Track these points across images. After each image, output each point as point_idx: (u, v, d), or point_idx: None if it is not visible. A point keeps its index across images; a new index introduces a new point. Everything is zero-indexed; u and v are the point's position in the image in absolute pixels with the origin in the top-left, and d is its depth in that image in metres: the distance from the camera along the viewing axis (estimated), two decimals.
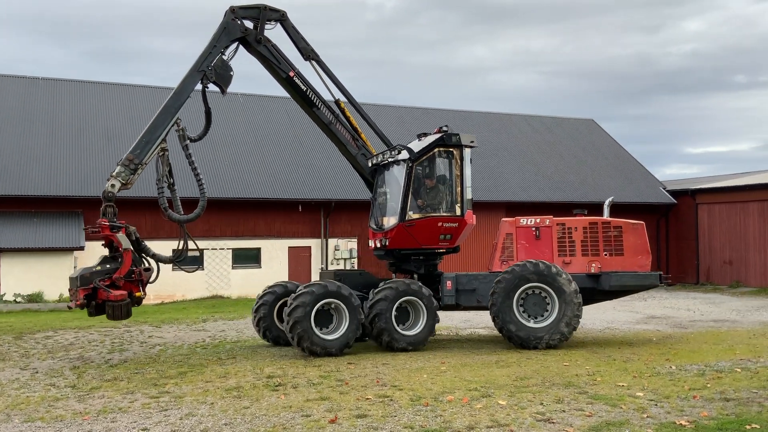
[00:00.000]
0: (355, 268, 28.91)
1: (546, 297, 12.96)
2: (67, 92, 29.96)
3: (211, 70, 12.74)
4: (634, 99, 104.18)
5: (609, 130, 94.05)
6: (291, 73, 13.58)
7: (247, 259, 28.07)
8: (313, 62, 13.90)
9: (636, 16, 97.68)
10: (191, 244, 12.81)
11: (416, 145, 14.02)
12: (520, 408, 7.97)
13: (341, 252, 28.92)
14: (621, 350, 12.73)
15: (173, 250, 13.50)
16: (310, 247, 28.78)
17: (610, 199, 16.00)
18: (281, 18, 13.44)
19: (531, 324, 12.84)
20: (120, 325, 17.69)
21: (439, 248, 13.98)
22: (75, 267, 22.68)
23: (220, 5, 14.11)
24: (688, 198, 33.73)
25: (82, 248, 23.56)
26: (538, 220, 14.27)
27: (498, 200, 31.41)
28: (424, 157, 13.73)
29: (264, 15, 13.21)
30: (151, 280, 12.17)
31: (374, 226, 14.57)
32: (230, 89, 13.44)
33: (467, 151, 13.89)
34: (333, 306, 12.30)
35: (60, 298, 23.21)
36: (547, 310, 12.94)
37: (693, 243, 33.45)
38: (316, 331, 12.01)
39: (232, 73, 13.02)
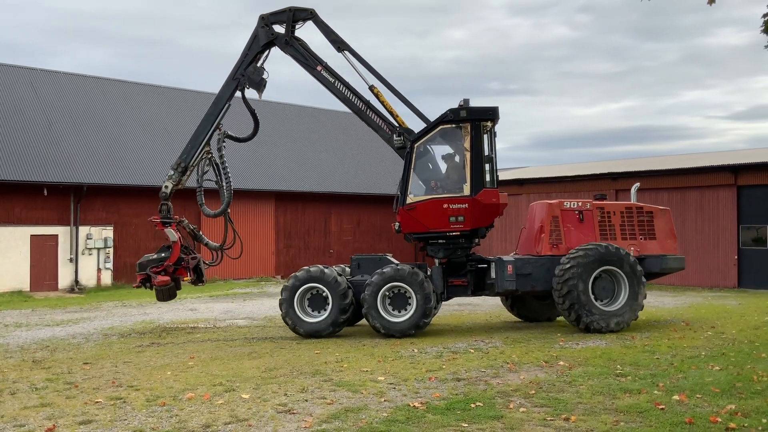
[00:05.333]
0: (110, 257, 26.91)
1: (615, 280, 12.93)
2: None
3: (245, 77, 13.90)
4: (411, 98, 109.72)
5: None
6: (318, 68, 13.99)
7: None
8: (346, 52, 13.97)
9: (409, 21, 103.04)
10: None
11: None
12: (263, 401, 7.80)
13: (94, 241, 26.68)
14: (373, 335, 13.13)
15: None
16: (57, 235, 26.13)
17: (637, 185, 16.04)
18: (310, 16, 13.97)
19: (602, 307, 12.74)
20: None
21: (452, 231, 13.11)
22: None
23: None
24: None
25: None
26: (580, 204, 14.09)
27: (266, 189, 31.18)
28: (426, 137, 13.34)
29: (290, 17, 13.90)
30: (214, 263, 14.81)
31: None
32: None
33: (484, 126, 13.20)
34: (320, 291, 12.77)
35: None
36: (614, 293, 12.93)
37: None
38: (299, 312, 12.74)
39: (265, 76, 14.03)
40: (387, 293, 12.72)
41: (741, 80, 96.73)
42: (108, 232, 27.19)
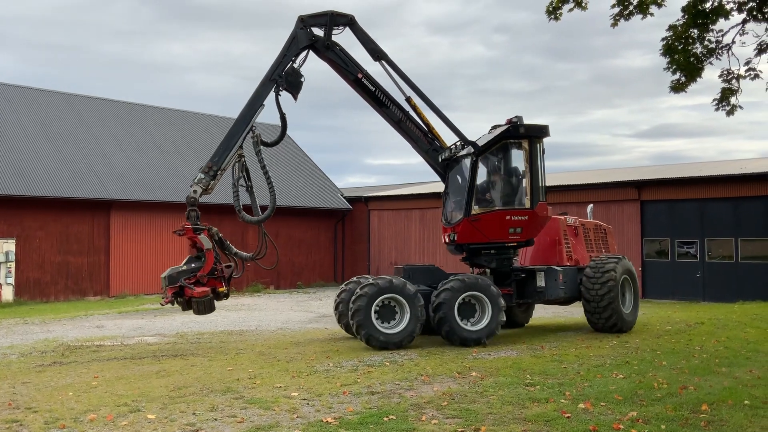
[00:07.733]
0: (12, 271, 25.49)
1: (626, 287, 14.75)
2: None
3: (282, 78, 13.31)
4: (327, 111, 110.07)
5: (301, 138, 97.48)
6: (359, 75, 13.72)
7: None
8: (383, 62, 13.72)
9: None
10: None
11: (485, 139, 13.67)
12: (169, 421, 7.53)
13: None
14: (288, 350, 12.98)
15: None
16: None
17: (591, 205, 17.75)
18: (349, 22, 13.62)
19: (625, 311, 14.55)
20: None
21: (510, 242, 13.57)
22: None
23: None
24: (362, 204, 36.35)
25: None
26: (573, 220, 15.47)
27: (179, 201, 30.25)
28: (490, 151, 13.54)
29: (331, 21, 13.48)
30: (235, 275, 13.23)
31: (444, 221, 14.31)
32: None
33: (539, 142, 13.76)
34: (394, 301, 12.47)
35: None
36: (626, 299, 14.73)
37: (365, 245, 36.18)
38: (376, 323, 12.31)
39: (302, 79, 13.51)
40: (460, 302, 12.68)
41: (646, 100, 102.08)
42: (9, 245, 25.78)
